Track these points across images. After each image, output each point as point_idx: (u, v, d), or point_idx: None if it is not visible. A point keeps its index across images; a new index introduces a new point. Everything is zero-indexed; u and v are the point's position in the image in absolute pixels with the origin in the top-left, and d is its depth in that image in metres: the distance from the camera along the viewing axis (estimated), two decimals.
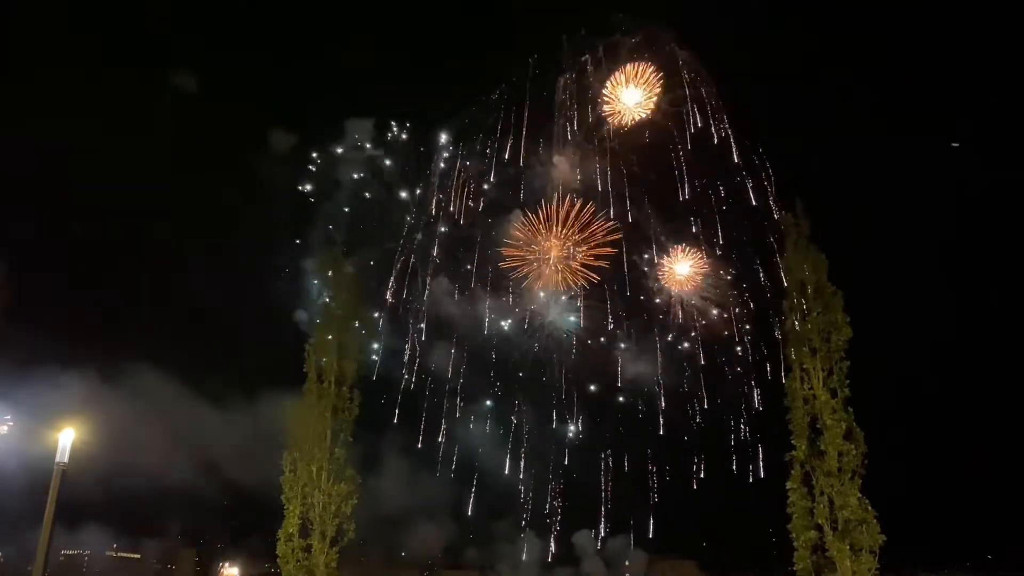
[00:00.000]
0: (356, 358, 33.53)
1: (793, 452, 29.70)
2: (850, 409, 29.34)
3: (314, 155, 79.33)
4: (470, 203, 75.76)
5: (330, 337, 32.94)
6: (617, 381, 78.32)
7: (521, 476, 78.74)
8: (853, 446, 28.78)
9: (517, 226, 74.36)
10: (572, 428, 78.60)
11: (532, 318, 76.89)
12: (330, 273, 33.99)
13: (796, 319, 30.93)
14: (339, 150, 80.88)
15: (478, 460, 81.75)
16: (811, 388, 29.87)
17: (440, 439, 78.41)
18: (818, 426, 29.55)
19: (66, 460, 28.01)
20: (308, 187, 77.88)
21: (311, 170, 79.77)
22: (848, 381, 29.63)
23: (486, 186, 76.54)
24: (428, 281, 76.81)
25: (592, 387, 78.77)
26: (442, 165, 78.66)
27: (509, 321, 77.78)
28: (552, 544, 79.59)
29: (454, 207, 76.73)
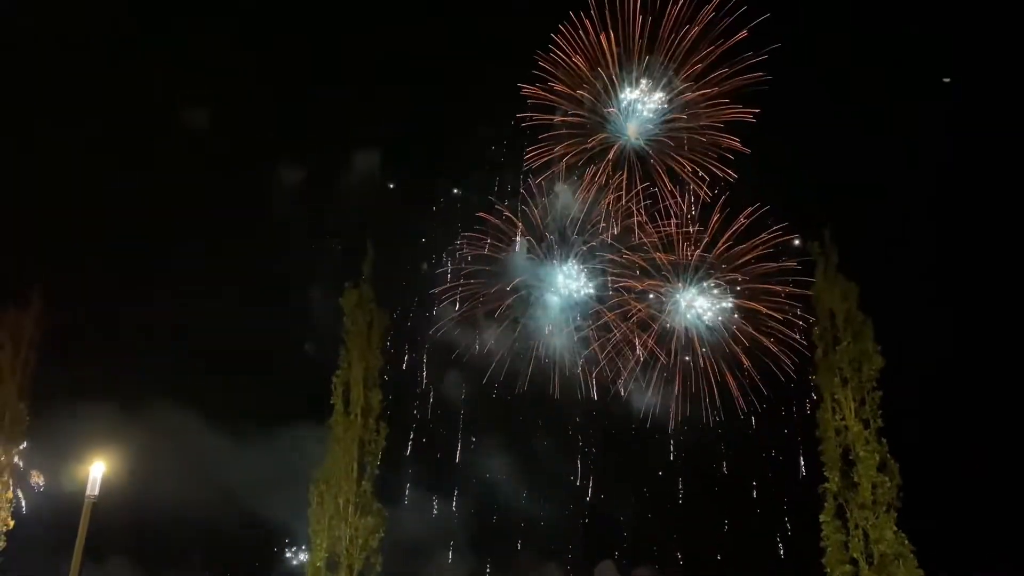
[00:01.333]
0: (381, 389, 33.54)
1: (826, 484, 29.27)
2: (883, 440, 28.95)
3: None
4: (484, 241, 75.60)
5: (356, 368, 32.92)
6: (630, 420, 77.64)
7: (543, 507, 78.03)
8: (887, 478, 28.33)
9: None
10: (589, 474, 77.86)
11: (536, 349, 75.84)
12: (355, 305, 34.00)
13: (826, 348, 30.68)
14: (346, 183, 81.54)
15: (497, 490, 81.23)
16: (843, 419, 29.50)
17: (455, 470, 78.11)
18: (851, 458, 29.13)
19: (96, 493, 28.11)
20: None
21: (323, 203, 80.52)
22: (881, 412, 29.28)
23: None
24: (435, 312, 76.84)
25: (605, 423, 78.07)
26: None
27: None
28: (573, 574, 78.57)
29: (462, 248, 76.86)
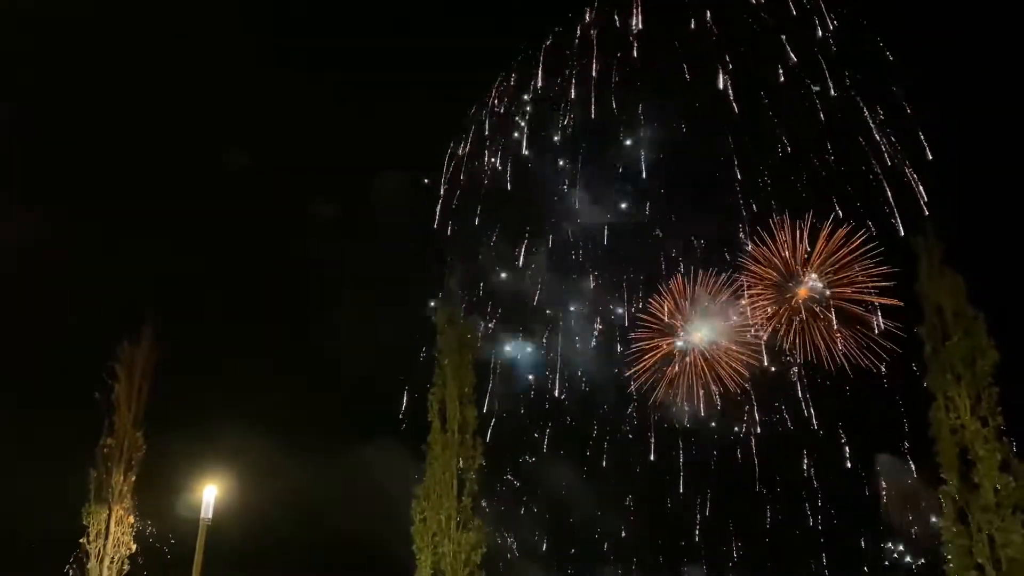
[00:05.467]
0: (475, 405, 33.69)
1: (945, 487, 28.13)
2: (1005, 439, 27.73)
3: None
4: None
5: (451, 386, 33.06)
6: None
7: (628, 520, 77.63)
8: (1012, 478, 27.08)
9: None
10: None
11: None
12: (447, 322, 34.25)
13: (935, 346, 29.55)
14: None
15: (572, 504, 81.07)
16: (958, 417, 28.32)
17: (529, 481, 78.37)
18: (969, 458, 27.94)
19: (210, 516, 28.82)
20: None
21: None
22: (999, 408, 28.04)
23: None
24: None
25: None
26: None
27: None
28: None
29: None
